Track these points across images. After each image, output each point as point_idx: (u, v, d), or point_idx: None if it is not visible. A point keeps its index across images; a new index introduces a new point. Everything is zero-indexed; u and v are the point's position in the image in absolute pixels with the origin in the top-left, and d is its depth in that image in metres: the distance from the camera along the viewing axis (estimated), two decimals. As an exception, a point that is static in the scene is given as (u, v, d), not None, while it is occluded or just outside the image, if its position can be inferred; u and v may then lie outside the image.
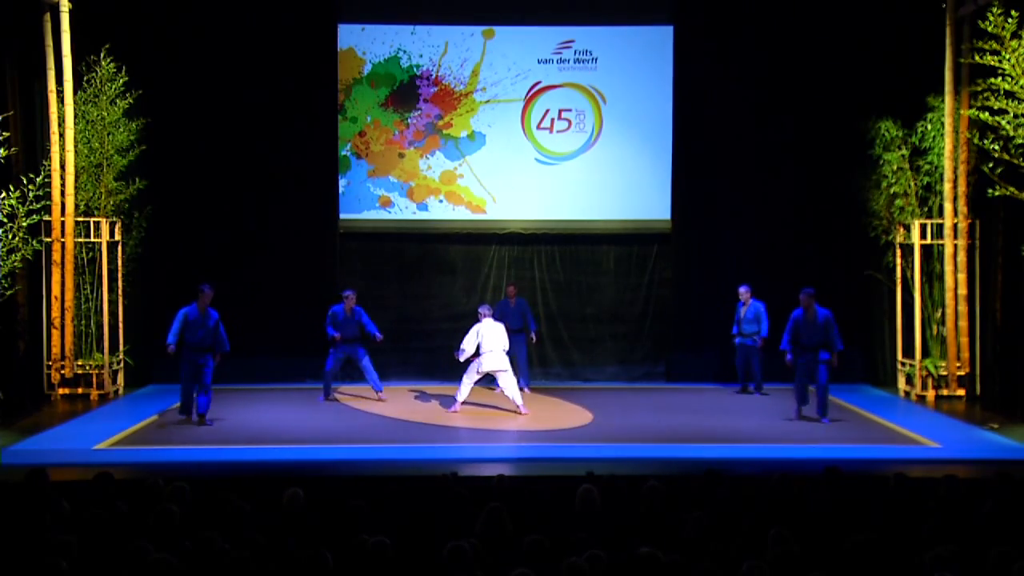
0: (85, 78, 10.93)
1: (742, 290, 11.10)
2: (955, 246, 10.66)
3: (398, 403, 10.76)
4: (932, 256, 11.17)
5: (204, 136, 11.98)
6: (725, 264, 12.16)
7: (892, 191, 11.33)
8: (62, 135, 10.31)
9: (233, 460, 8.11)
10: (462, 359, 10.06)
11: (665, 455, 8.42)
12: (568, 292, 12.60)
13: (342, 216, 12.32)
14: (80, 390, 10.84)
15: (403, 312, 12.42)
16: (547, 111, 12.23)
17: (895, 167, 11.26)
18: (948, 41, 10.45)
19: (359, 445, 8.85)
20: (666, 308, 12.48)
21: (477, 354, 9.94)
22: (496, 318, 11.20)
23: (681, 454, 8.40)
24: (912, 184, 11.24)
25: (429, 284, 12.47)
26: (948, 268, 10.71)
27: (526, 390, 11.33)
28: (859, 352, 11.80)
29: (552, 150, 12.32)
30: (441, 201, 12.33)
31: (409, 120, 12.25)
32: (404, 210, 12.33)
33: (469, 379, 10.05)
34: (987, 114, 9.57)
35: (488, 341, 9.91)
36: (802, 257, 12.06)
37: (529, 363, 11.69)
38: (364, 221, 12.34)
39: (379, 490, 5.96)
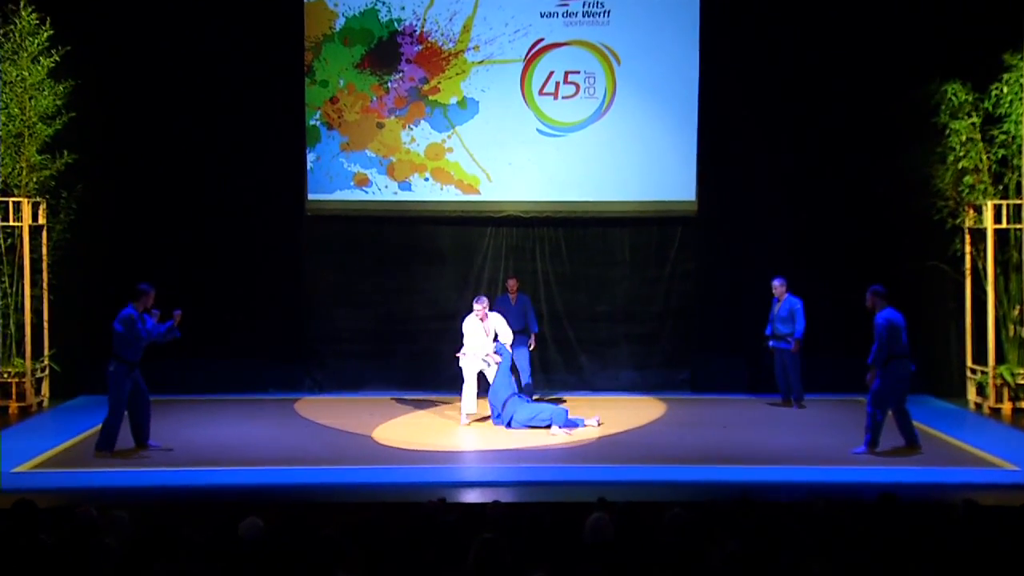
0: (2, 31, 10.87)
1: (776, 284, 11.04)
2: (1035, 231, 10.82)
3: (376, 417, 10.65)
4: (1008, 243, 11.12)
5: (146, 103, 11.89)
6: (759, 253, 12.08)
7: (960, 166, 11.24)
8: (-26, 100, 10.55)
9: (181, 484, 8.06)
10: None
11: (690, 478, 8.37)
12: (575, 286, 12.51)
13: (310, 197, 12.23)
14: (-3, 402, 11.01)
15: (383, 310, 12.37)
16: (551, 74, 12.14)
17: (964, 138, 11.18)
18: (1029, -12, 10.63)
19: (331, 466, 8.74)
20: (690, 305, 12.39)
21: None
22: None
23: (709, 477, 8.37)
24: (984, 158, 11.20)
25: (413, 277, 12.39)
26: (1028, 257, 10.96)
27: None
28: (920, 357, 11.07)
29: (557, 119, 12.25)
30: (427, 179, 12.26)
31: (389, 84, 12.17)
32: (383, 190, 12.26)
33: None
34: (1075, 74, 9.77)
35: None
36: (851, 245, 12.04)
37: (532, 369, 11.59)
38: (336, 203, 12.25)
39: (354, 519, 5.92)
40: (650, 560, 5.16)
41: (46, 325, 11.27)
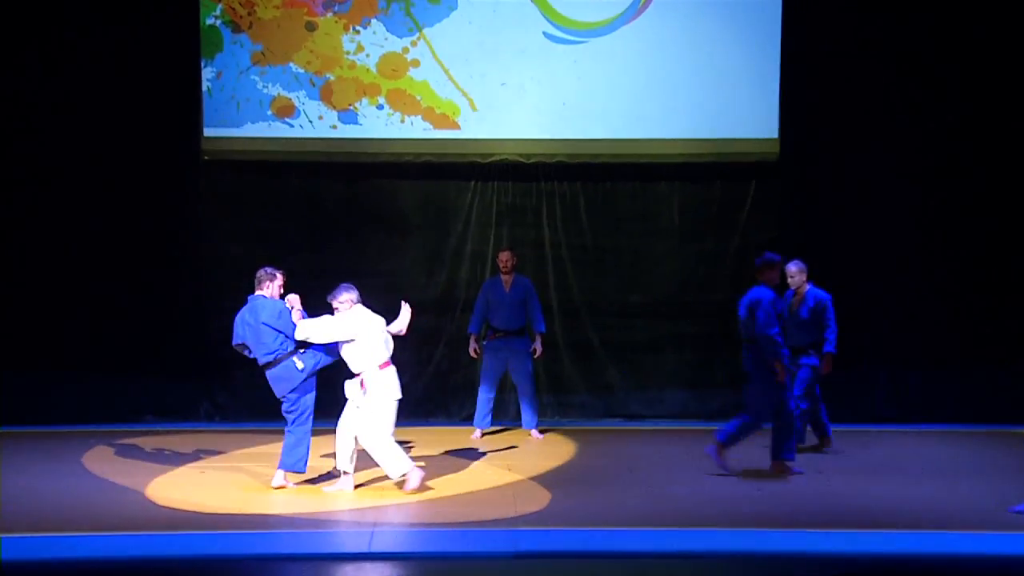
0: None
1: (792, 269, 10.76)
2: None
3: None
4: None
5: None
6: (870, 217, 12.05)
7: None
8: None
9: (10, 559, 7.80)
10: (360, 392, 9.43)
11: (767, 547, 8.20)
12: (600, 265, 12.43)
13: (207, 133, 12.13)
14: None
15: (317, 301, 11.64)
16: (564, -51, 12.17)
17: None
18: None
19: (233, 531, 8.53)
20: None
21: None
22: (481, 308, 11.43)
23: (797, 546, 8.22)
24: None
25: (362, 252, 12.25)
26: None
27: (534, 433, 11.33)
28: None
29: (573, 18, 12.18)
30: (381, 108, 12.18)
31: (324, -35, 12.18)
32: (316, 123, 12.16)
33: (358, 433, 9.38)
34: None
35: (370, 340, 9.42)
36: (1008, 207, 11.96)
37: (536, 387, 11.51)
38: (247, 141, 12.13)
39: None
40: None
41: None
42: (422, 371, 12.03)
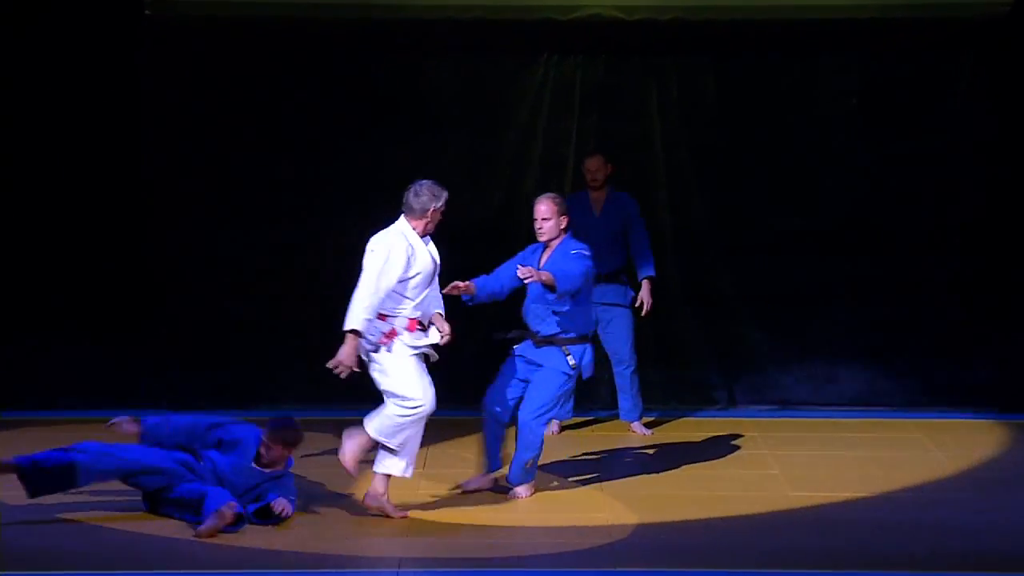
0: None
1: (541, 208, 10.41)
2: None
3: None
4: None
5: None
6: None
7: None
8: None
9: None
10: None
11: None
12: (736, 177, 12.15)
13: None
14: None
15: (307, 235, 12.14)
16: None
17: None
18: None
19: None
20: (995, 215, 11.87)
21: None
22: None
23: None
24: None
25: (375, 155, 11.99)
26: None
27: (636, 427, 11.13)
28: None
29: None
30: None
31: None
32: None
33: None
34: None
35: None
36: None
37: (637, 360, 11.03)
38: None
39: None
40: None
41: None
42: (468, 336, 10.87)
